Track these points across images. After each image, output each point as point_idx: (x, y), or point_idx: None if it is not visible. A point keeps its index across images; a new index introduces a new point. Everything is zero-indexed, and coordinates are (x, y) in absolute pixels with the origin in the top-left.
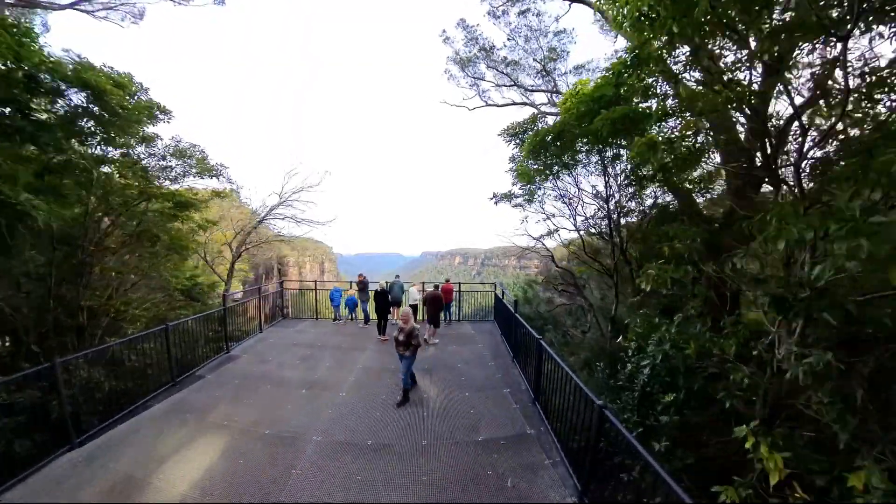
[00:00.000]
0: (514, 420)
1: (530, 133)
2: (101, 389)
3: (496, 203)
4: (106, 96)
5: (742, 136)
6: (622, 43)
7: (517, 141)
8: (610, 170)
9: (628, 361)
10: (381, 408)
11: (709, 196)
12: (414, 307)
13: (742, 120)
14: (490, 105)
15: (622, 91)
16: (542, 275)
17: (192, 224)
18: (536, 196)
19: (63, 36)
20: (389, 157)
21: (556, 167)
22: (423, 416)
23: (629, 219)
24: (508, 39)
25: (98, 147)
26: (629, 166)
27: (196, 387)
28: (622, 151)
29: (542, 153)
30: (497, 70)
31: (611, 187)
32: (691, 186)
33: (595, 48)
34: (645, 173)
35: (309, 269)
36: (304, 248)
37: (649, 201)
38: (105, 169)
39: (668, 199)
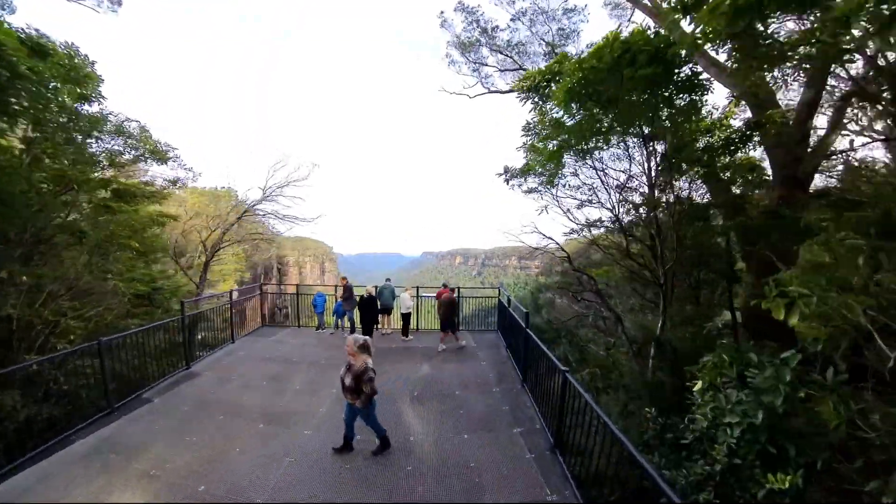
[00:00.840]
0: (528, 479)
1: (569, 65)
2: (14, 419)
3: (507, 181)
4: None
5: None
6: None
7: (535, 100)
8: (638, 157)
9: (697, 410)
10: (353, 455)
11: (750, 187)
12: (406, 316)
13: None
14: (493, 91)
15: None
16: (543, 275)
17: (135, 216)
18: (559, 177)
19: (41, 22)
20: (390, 155)
21: (604, 126)
22: (407, 472)
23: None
24: (512, 20)
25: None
26: (667, 148)
27: (136, 415)
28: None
29: (586, 101)
30: (502, 53)
31: (651, 170)
32: (733, 174)
33: (604, 33)
34: (684, 156)
35: (309, 270)
36: (305, 248)
37: (684, 193)
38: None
39: (702, 191)
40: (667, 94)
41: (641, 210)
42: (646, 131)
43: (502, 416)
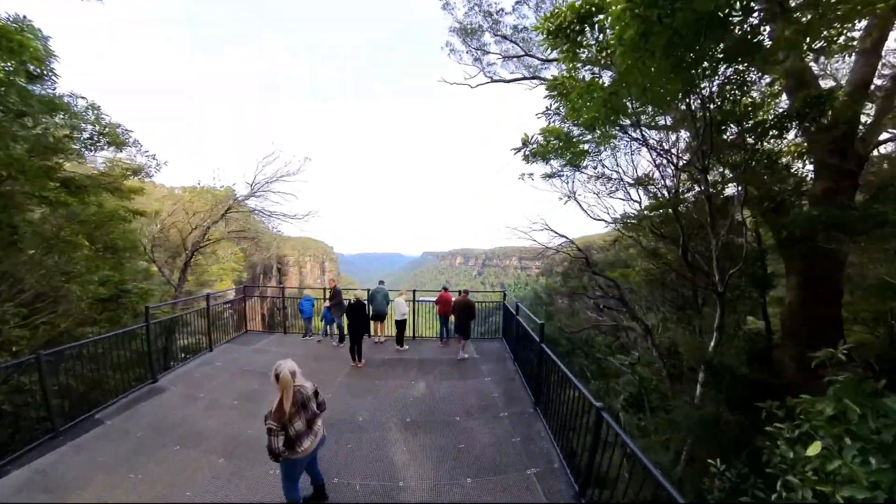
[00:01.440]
0: None
1: None
2: None
3: (525, 159)
4: None
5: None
6: None
7: (564, 49)
8: (667, 148)
9: (789, 469)
10: None
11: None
12: (401, 323)
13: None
14: (496, 81)
15: None
16: (544, 275)
17: (95, 211)
18: (590, 156)
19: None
20: (390, 155)
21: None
22: None
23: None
24: (518, 4)
25: None
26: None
27: (83, 441)
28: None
29: (649, 37)
30: (507, 39)
31: (701, 148)
32: (774, 162)
33: None
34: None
35: (309, 269)
36: (305, 248)
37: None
38: None
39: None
40: (727, 46)
41: (669, 201)
42: (702, 93)
43: (512, 450)
